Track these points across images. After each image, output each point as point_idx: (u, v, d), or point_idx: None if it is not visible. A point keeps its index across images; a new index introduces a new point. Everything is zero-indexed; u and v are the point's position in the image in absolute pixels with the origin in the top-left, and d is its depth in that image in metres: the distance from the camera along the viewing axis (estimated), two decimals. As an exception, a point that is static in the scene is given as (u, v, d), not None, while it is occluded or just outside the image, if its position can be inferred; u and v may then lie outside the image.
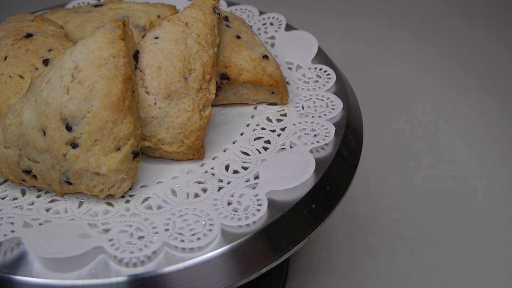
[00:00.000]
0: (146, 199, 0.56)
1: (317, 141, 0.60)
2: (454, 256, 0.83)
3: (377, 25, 1.24)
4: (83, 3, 0.84)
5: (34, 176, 0.55)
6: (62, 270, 0.49)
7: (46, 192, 0.57)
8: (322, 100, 0.67)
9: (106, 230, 0.52)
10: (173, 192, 0.56)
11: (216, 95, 0.65)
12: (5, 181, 0.59)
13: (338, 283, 0.79)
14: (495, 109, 1.07)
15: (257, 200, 0.54)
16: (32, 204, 0.56)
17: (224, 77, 0.64)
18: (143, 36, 0.61)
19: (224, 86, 0.65)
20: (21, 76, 0.60)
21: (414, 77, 1.14)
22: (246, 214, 0.53)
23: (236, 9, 0.81)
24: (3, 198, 0.56)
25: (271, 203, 0.54)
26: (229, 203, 0.54)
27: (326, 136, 0.61)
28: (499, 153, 0.99)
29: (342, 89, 0.68)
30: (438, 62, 1.17)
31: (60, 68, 0.53)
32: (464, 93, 1.11)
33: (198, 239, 0.50)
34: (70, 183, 0.54)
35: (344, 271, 0.81)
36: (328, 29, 1.18)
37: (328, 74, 0.70)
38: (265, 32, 0.77)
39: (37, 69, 0.61)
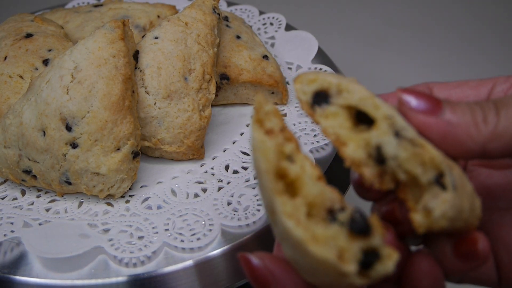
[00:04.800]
0: (146, 199, 0.56)
1: (317, 141, 0.60)
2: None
3: (377, 25, 1.24)
4: (83, 3, 0.84)
5: (34, 176, 0.55)
6: (62, 270, 0.49)
7: (46, 192, 0.57)
8: (322, 100, 0.66)
9: (106, 230, 0.52)
10: (173, 192, 0.56)
11: (216, 95, 0.65)
12: (5, 181, 0.59)
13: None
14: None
15: (257, 200, 0.54)
16: (32, 204, 0.56)
17: (224, 77, 0.64)
18: (143, 36, 0.61)
19: (224, 86, 0.65)
20: (21, 76, 0.60)
21: (414, 77, 1.14)
22: (246, 214, 0.53)
23: (236, 9, 0.81)
24: (3, 198, 0.56)
25: (271, 203, 0.54)
26: (229, 203, 0.54)
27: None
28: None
29: (342, 89, 0.68)
30: (438, 62, 1.17)
31: (60, 68, 0.53)
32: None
33: (198, 239, 0.50)
34: (70, 183, 0.54)
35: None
36: (328, 29, 1.18)
37: (328, 74, 0.70)
38: (265, 32, 0.77)
39: (37, 69, 0.61)
